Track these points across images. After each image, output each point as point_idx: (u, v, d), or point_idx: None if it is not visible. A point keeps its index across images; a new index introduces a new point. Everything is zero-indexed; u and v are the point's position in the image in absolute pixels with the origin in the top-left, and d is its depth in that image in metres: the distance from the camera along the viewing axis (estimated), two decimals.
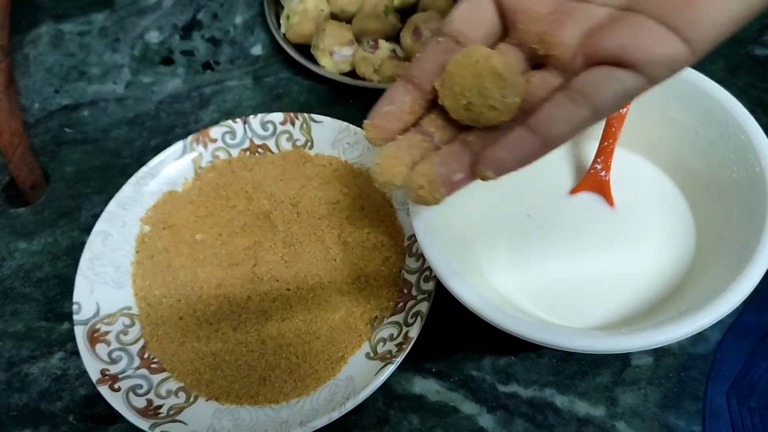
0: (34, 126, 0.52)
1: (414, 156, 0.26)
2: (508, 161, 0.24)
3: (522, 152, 0.24)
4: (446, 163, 0.26)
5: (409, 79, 0.28)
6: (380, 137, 0.27)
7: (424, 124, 0.28)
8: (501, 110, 0.25)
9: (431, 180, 0.25)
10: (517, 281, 0.36)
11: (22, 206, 0.47)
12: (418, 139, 0.27)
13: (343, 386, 0.35)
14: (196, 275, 0.40)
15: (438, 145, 0.27)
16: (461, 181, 0.26)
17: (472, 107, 0.25)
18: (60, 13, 0.59)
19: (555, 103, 0.25)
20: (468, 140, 0.26)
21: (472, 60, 0.25)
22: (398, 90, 0.28)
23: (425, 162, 0.26)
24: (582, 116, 0.24)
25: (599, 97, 0.24)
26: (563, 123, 0.24)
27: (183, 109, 0.52)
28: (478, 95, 0.25)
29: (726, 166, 0.35)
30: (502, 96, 0.25)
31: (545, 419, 0.35)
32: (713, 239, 0.35)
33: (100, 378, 0.36)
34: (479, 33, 0.28)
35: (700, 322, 0.28)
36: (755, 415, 0.34)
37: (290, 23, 0.52)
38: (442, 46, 0.28)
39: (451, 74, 0.26)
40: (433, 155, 0.26)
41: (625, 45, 0.24)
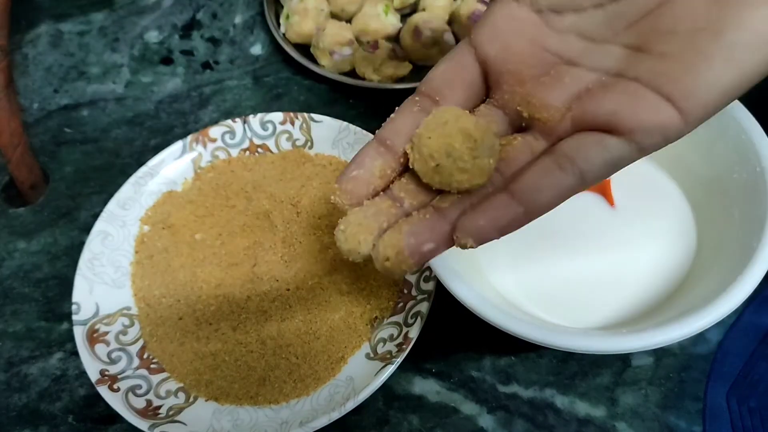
0: (33, 126, 0.52)
1: (381, 223, 0.25)
2: (488, 230, 0.23)
3: (503, 220, 0.23)
4: (415, 233, 0.24)
5: (381, 140, 0.26)
6: (348, 202, 0.25)
7: (394, 188, 0.26)
8: (473, 172, 0.24)
9: (398, 251, 0.24)
10: (517, 281, 0.36)
11: (22, 206, 0.47)
12: (387, 205, 0.25)
13: (343, 386, 0.35)
14: (195, 275, 0.40)
15: (408, 211, 0.25)
16: (432, 250, 0.24)
17: (441, 170, 0.24)
18: (59, 13, 0.59)
19: (540, 168, 0.24)
20: (441, 206, 0.25)
21: (441, 120, 0.24)
22: (369, 153, 0.26)
23: (392, 231, 0.24)
24: (568, 184, 0.23)
25: (587, 165, 0.23)
26: (549, 190, 0.23)
27: (182, 108, 0.52)
28: (447, 157, 0.24)
29: (726, 166, 0.34)
30: (473, 157, 0.24)
31: (545, 420, 0.35)
32: (714, 239, 0.35)
33: (100, 378, 0.36)
34: (459, 93, 0.26)
35: (700, 322, 0.28)
36: (755, 416, 0.34)
37: (290, 23, 0.52)
38: (419, 105, 0.26)
39: (420, 136, 0.25)
40: (401, 223, 0.25)
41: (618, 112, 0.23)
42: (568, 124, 0.24)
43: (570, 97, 0.25)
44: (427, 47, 0.48)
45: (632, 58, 0.24)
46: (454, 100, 0.26)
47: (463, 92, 0.27)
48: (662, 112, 0.23)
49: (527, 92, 0.25)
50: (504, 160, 0.25)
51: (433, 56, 0.49)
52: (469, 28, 0.49)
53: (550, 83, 0.25)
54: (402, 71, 0.49)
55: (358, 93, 0.50)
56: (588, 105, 0.24)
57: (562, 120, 0.24)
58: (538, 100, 0.25)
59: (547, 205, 0.24)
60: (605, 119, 0.23)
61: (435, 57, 0.49)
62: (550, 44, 0.26)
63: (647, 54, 0.24)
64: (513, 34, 0.26)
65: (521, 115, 0.25)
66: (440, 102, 0.26)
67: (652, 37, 0.24)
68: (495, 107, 0.26)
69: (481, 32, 0.27)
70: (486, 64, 0.26)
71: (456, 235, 0.24)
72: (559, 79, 0.25)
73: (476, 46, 0.27)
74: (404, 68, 0.49)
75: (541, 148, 0.25)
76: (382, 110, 0.52)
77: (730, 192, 0.34)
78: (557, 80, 0.25)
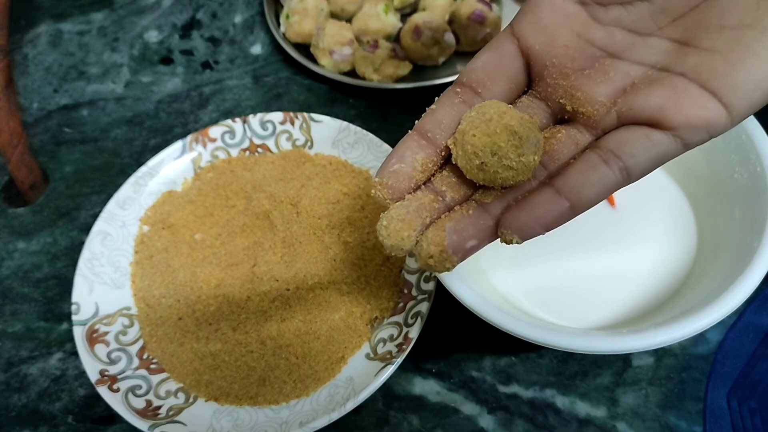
0: (33, 126, 0.52)
1: (424, 218, 0.24)
2: (533, 226, 0.23)
3: (549, 216, 0.23)
4: (459, 230, 0.24)
5: (422, 133, 0.26)
6: (390, 197, 0.25)
7: (435, 181, 0.26)
8: (518, 170, 0.24)
9: (442, 249, 0.23)
10: (517, 281, 0.36)
11: (21, 206, 0.47)
12: (429, 200, 0.25)
13: (342, 387, 0.35)
14: (195, 275, 0.40)
15: (450, 205, 0.25)
16: (475, 247, 0.24)
17: (486, 168, 0.24)
18: (59, 13, 0.59)
19: (586, 163, 0.24)
20: (484, 201, 0.25)
21: (485, 117, 0.24)
22: (410, 145, 0.25)
23: (436, 228, 0.24)
24: (614, 179, 0.23)
25: (633, 160, 0.23)
26: (594, 186, 0.23)
27: (182, 108, 0.52)
28: (491, 155, 0.24)
29: (727, 166, 0.34)
30: (519, 155, 0.23)
31: (546, 420, 0.35)
32: (714, 239, 0.35)
33: (99, 378, 0.36)
34: (501, 84, 0.26)
35: (701, 322, 0.28)
36: (756, 416, 0.34)
37: (290, 22, 0.51)
38: (460, 97, 0.26)
39: (463, 132, 0.24)
40: (444, 219, 0.24)
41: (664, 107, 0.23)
42: (613, 118, 0.24)
43: (615, 91, 0.25)
44: (427, 47, 0.48)
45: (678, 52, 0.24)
46: (496, 91, 0.26)
47: (505, 84, 0.26)
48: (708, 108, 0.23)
49: (571, 85, 0.25)
50: (547, 153, 0.25)
51: (433, 56, 0.49)
52: (469, 28, 0.49)
53: (595, 77, 0.25)
54: (402, 71, 0.49)
55: (358, 93, 0.50)
56: (634, 100, 0.24)
57: (607, 114, 0.24)
58: (582, 93, 0.25)
59: (592, 200, 0.23)
60: (651, 114, 0.23)
61: (435, 57, 0.49)
62: (595, 37, 0.26)
63: (693, 49, 0.24)
64: (558, 26, 0.26)
65: (564, 108, 0.25)
66: (482, 94, 0.26)
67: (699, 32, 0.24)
68: (537, 99, 0.26)
69: (525, 23, 0.26)
70: (529, 55, 0.26)
71: (501, 231, 0.24)
72: (604, 72, 0.25)
73: (519, 37, 0.26)
74: (404, 68, 0.49)
75: (585, 141, 0.25)
76: (382, 110, 0.52)
77: (731, 192, 0.34)
78: (602, 74, 0.25)
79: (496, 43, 0.27)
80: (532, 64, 0.26)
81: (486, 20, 0.49)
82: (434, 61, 0.50)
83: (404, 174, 0.25)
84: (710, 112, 0.23)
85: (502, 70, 0.26)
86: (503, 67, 0.26)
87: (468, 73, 0.26)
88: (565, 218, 0.23)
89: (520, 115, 0.24)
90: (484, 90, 0.26)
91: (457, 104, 0.26)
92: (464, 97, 0.26)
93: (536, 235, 0.23)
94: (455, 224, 0.24)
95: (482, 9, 0.49)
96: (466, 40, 0.50)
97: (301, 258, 0.40)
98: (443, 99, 0.26)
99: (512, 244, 0.24)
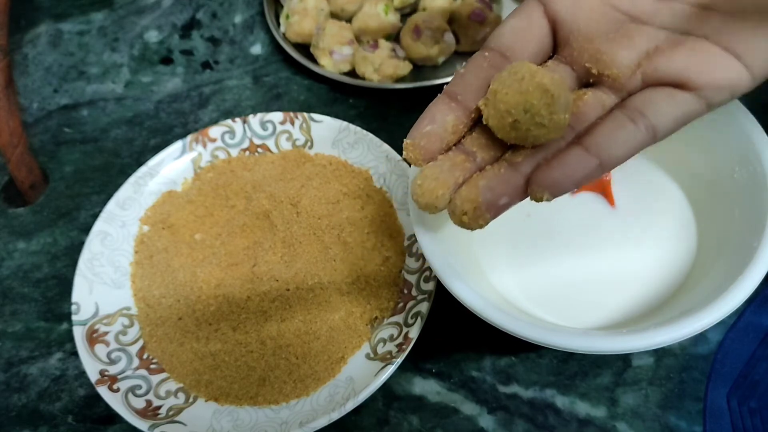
0: (33, 126, 0.52)
1: (456, 177, 0.25)
2: (564, 182, 0.24)
3: (579, 173, 0.24)
4: (492, 188, 0.24)
5: (452, 95, 0.26)
6: (422, 158, 0.26)
7: (466, 143, 0.26)
8: (549, 128, 0.24)
9: (476, 206, 0.24)
10: (517, 281, 0.36)
11: (21, 206, 0.47)
12: (461, 159, 0.26)
13: (342, 387, 0.35)
14: (195, 275, 0.40)
15: (481, 165, 0.26)
16: (507, 204, 0.25)
17: (518, 125, 0.24)
18: (59, 13, 0.59)
19: (613, 122, 0.24)
20: (515, 160, 0.25)
21: (517, 77, 0.24)
22: (440, 108, 0.26)
23: (469, 186, 0.25)
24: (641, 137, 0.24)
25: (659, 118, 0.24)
26: (622, 143, 0.24)
27: (182, 108, 0.52)
28: (524, 113, 0.24)
29: (727, 166, 0.34)
30: (550, 113, 0.24)
31: (546, 420, 0.35)
32: (714, 239, 0.35)
33: (99, 378, 0.36)
34: (529, 49, 0.27)
35: (701, 322, 0.28)
36: (756, 416, 0.34)
37: (290, 22, 0.51)
38: (488, 61, 0.26)
39: (495, 92, 0.25)
40: (477, 178, 0.25)
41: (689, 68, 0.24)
42: (638, 80, 0.25)
43: (639, 54, 0.25)
44: (427, 47, 0.48)
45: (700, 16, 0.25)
46: (524, 56, 0.27)
47: (533, 48, 0.27)
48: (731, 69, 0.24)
49: (597, 49, 0.26)
50: (575, 115, 0.25)
51: (433, 56, 0.49)
52: (469, 27, 0.49)
53: (620, 40, 0.26)
54: (402, 71, 0.49)
55: (358, 92, 0.50)
56: (658, 62, 0.25)
57: (633, 76, 0.25)
58: (608, 56, 0.25)
59: (620, 157, 0.24)
60: (675, 75, 0.24)
61: (435, 57, 0.49)
62: (619, 3, 0.27)
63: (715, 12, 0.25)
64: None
65: (590, 71, 0.26)
66: (510, 58, 0.27)
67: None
68: (562, 63, 0.27)
69: None
70: (555, 20, 0.27)
71: (532, 188, 0.24)
72: (629, 36, 0.26)
73: (545, 3, 0.27)
74: (404, 68, 0.49)
75: (611, 103, 0.26)
76: (382, 110, 0.52)
77: (731, 192, 0.34)
78: (626, 37, 0.26)
79: (523, 8, 0.27)
80: (558, 29, 0.27)
81: (486, 20, 0.49)
82: (434, 61, 0.50)
83: (436, 135, 0.26)
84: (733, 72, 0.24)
85: (529, 35, 0.27)
86: (531, 32, 0.27)
87: (496, 39, 0.27)
88: (594, 175, 0.24)
89: (552, 75, 0.25)
90: (512, 54, 0.27)
91: (485, 68, 0.26)
92: (492, 61, 0.26)
93: (566, 192, 0.24)
94: (488, 182, 0.25)
95: (482, 9, 0.49)
96: (466, 40, 0.50)
97: (301, 258, 0.40)
98: (472, 63, 0.27)
99: (542, 201, 0.24)
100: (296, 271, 0.39)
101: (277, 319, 0.38)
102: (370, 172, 0.43)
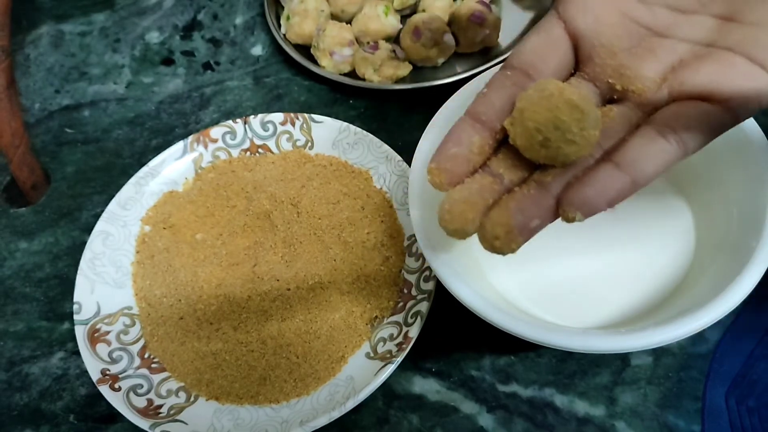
0: (34, 126, 0.52)
1: (486, 200, 0.24)
2: (597, 202, 0.23)
3: (612, 191, 0.23)
4: (523, 209, 0.23)
5: (475, 116, 0.25)
6: (448, 182, 0.24)
7: (492, 164, 0.25)
8: (580, 144, 0.24)
9: (509, 230, 0.23)
10: (517, 281, 0.37)
11: (23, 206, 0.47)
12: (489, 182, 0.25)
13: (343, 386, 0.35)
14: (196, 275, 0.40)
15: (509, 187, 0.25)
16: (539, 226, 0.24)
17: (549, 143, 0.24)
18: (61, 14, 0.59)
19: (644, 137, 0.24)
20: (544, 180, 0.24)
21: (545, 93, 0.24)
22: (465, 129, 0.25)
23: (499, 209, 0.24)
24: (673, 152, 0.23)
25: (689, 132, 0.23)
26: (654, 159, 0.23)
27: (183, 109, 0.52)
28: (555, 130, 0.23)
29: (725, 165, 0.35)
30: (581, 129, 0.23)
31: (545, 419, 0.36)
32: (712, 239, 0.35)
33: (101, 378, 0.36)
34: (551, 66, 0.26)
35: (699, 321, 0.28)
36: (754, 415, 0.34)
37: (290, 23, 0.52)
38: (511, 80, 0.26)
39: (522, 110, 0.24)
40: (506, 200, 0.24)
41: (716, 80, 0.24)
42: (664, 95, 0.25)
43: (664, 68, 0.25)
44: (426, 48, 0.49)
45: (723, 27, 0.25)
46: (547, 73, 0.26)
47: (555, 65, 0.26)
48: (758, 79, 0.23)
49: (620, 64, 0.25)
50: (602, 131, 0.25)
51: (433, 57, 0.49)
52: (468, 29, 0.49)
53: (643, 55, 0.25)
54: (402, 72, 0.49)
55: (359, 93, 0.50)
56: (683, 75, 0.24)
57: (658, 91, 0.25)
58: (632, 71, 0.25)
59: (653, 173, 0.23)
60: (702, 88, 0.24)
61: (434, 58, 0.49)
62: (640, 17, 0.26)
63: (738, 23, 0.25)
64: (603, 7, 0.26)
65: (613, 87, 0.26)
66: (534, 76, 0.26)
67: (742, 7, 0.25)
68: (585, 80, 0.26)
69: (570, 5, 0.27)
70: (576, 37, 0.26)
71: (563, 209, 0.23)
72: (652, 50, 0.25)
73: (566, 19, 0.27)
74: (404, 69, 0.49)
75: (637, 119, 0.25)
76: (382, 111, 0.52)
77: (729, 192, 0.34)
78: (649, 52, 0.25)
79: (544, 26, 0.27)
80: (579, 45, 0.27)
81: (485, 21, 0.49)
82: (434, 62, 0.50)
83: (462, 157, 0.25)
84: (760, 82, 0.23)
85: (551, 52, 0.27)
86: (552, 49, 0.27)
87: (517, 57, 0.27)
88: (627, 193, 0.23)
89: (579, 91, 0.24)
90: (536, 72, 0.26)
91: (508, 87, 0.26)
92: (515, 79, 0.26)
93: (599, 211, 0.23)
94: (518, 204, 0.24)
95: (482, 10, 0.49)
96: (465, 42, 0.50)
97: (302, 258, 0.40)
98: (494, 83, 0.26)
99: (574, 222, 0.23)
100: (297, 270, 0.39)
101: (277, 318, 0.38)
102: (370, 172, 0.43)
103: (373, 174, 0.43)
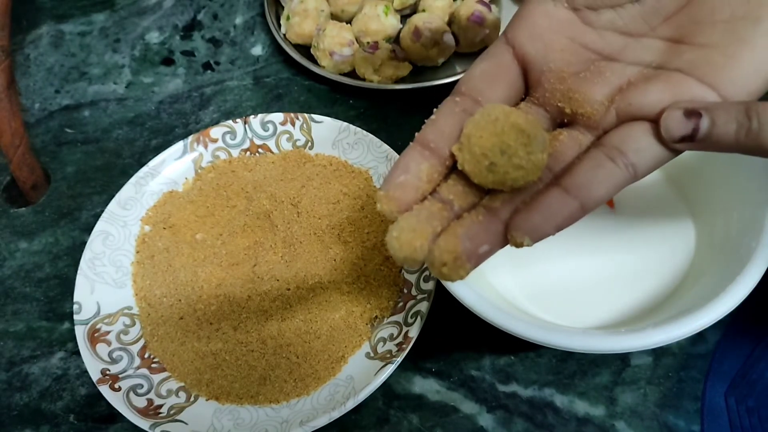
0: (34, 126, 0.52)
1: (434, 227, 0.24)
2: (544, 227, 0.23)
3: (560, 216, 0.23)
4: (471, 236, 0.23)
5: (424, 143, 0.25)
6: (397, 209, 0.24)
7: (442, 191, 0.25)
8: (527, 169, 0.23)
9: (456, 257, 0.23)
10: (517, 281, 0.37)
11: (23, 206, 0.47)
12: (437, 208, 0.24)
13: (343, 386, 0.35)
14: (196, 275, 0.40)
15: (458, 213, 0.25)
16: (487, 252, 0.24)
17: (495, 168, 0.24)
18: (61, 14, 0.59)
19: (592, 161, 0.24)
20: (493, 206, 0.24)
21: (491, 118, 0.24)
22: (413, 157, 0.25)
23: (448, 235, 0.23)
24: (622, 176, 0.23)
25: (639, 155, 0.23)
26: (603, 183, 0.23)
27: (183, 109, 0.52)
28: (501, 154, 0.23)
29: (725, 165, 0.35)
30: (528, 153, 0.23)
31: (545, 419, 0.36)
32: (712, 239, 0.35)
33: (101, 378, 0.36)
34: (500, 92, 0.26)
35: (699, 321, 0.28)
36: (754, 415, 0.34)
37: (290, 23, 0.52)
38: (460, 106, 0.26)
39: (469, 136, 0.24)
40: (455, 226, 0.24)
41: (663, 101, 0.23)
42: (612, 117, 0.25)
43: (612, 90, 0.25)
44: (426, 48, 0.49)
45: (672, 50, 0.25)
46: (495, 99, 0.26)
47: (504, 91, 0.26)
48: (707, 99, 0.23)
49: (568, 88, 0.25)
50: (551, 155, 0.25)
51: (433, 57, 0.49)
52: (468, 29, 0.49)
53: (591, 78, 0.25)
54: (402, 72, 0.49)
55: (359, 93, 0.50)
56: (632, 96, 0.24)
57: (607, 113, 0.25)
58: (580, 95, 0.25)
59: (602, 198, 0.23)
60: (650, 109, 0.24)
61: (434, 57, 0.49)
62: (589, 41, 0.26)
63: (687, 45, 0.24)
64: (552, 32, 0.26)
65: (563, 111, 0.26)
66: (482, 102, 0.26)
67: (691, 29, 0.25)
68: (535, 105, 0.26)
69: (519, 31, 0.27)
70: (525, 62, 0.26)
71: (511, 234, 0.23)
72: (600, 74, 0.25)
73: (514, 45, 0.27)
74: (404, 69, 0.49)
75: (587, 142, 0.25)
76: (382, 111, 0.52)
77: (728, 192, 0.34)
78: (598, 75, 0.25)
79: (492, 51, 0.27)
80: (528, 70, 0.27)
81: (485, 21, 0.49)
82: (434, 62, 0.50)
83: (410, 185, 0.25)
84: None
85: (500, 78, 0.27)
86: (501, 75, 0.27)
87: (466, 83, 0.27)
88: (575, 217, 0.23)
89: (525, 115, 0.24)
90: (483, 98, 0.26)
91: (457, 113, 0.26)
92: (464, 105, 0.26)
93: (547, 236, 0.23)
94: (467, 230, 0.23)
95: (481, 10, 0.49)
96: (465, 42, 0.50)
97: (302, 258, 0.40)
98: (443, 109, 0.26)
99: (522, 247, 0.23)
100: (297, 270, 0.39)
101: (277, 318, 0.38)
102: (370, 172, 0.43)
103: (373, 174, 0.43)
